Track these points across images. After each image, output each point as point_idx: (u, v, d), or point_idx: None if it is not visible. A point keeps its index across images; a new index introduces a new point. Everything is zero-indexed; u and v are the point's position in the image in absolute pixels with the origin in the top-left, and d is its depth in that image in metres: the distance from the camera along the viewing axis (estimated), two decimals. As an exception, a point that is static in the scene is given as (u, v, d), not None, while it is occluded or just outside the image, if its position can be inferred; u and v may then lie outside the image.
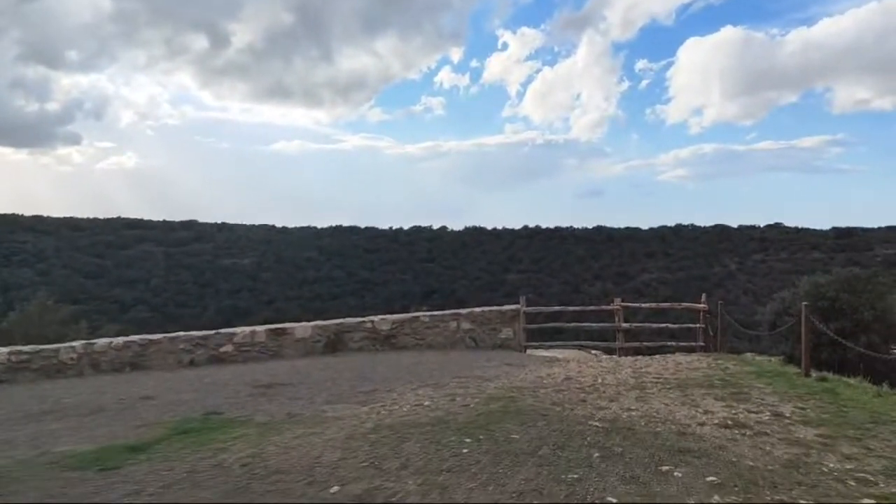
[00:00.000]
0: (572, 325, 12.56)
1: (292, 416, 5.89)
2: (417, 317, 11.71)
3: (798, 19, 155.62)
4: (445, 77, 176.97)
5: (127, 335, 11.51)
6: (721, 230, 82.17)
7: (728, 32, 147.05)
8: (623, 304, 12.20)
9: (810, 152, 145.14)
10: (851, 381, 6.90)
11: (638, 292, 65.85)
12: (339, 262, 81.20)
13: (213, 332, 10.51)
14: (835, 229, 75.53)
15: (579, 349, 13.99)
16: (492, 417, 5.34)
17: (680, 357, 9.59)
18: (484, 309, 12.21)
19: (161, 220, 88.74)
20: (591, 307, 12.84)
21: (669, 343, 12.49)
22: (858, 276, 14.22)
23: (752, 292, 61.08)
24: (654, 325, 12.97)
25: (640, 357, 10.07)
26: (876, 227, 74.68)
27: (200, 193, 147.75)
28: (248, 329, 10.76)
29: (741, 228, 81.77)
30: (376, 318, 11.57)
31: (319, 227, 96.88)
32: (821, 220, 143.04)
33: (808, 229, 78.03)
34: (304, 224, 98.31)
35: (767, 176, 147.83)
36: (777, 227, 79.98)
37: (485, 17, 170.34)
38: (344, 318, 12.16)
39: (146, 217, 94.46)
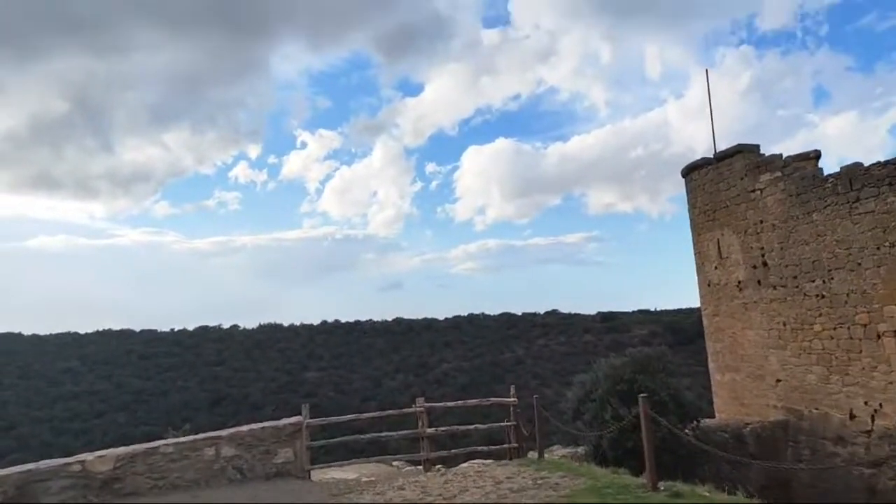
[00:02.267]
0: (368, 436, 10.31)
1: None
2: (156, 448, 8.47)
3: (555, 136, 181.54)
4: (242, 172, 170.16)
5: None
6: (508, 318, 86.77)
7: (501, 143, 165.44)
8: (427, 404, 10.35)
9: (574, 247, 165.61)
10: (704, 492, 5.72)
11: (438, 382, 65.89)
12: (105, 373, 69.32)
13: None
14: (600, 313, 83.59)
15: (379, 462, 11.73)
16: None
17: (498, 471, 7.91)
18: (253, 427, 9.38)
19: None
20: (391, 411, 10.79)
21: (480, 448, 10.88)
22: (650, 355, 14.27)
23: (540, 376, 64.64)
24: (463, 428, 11.31)
25: (450, 475, 8.15)
26: (631, 310, 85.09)
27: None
28: None
29: (525, 315, 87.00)
30: (90, 457, 8.08)
31: (82, 332, 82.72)
32: (588, 305, 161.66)
33: (579, 314, 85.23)
34: (62, 330, 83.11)
35: (542, 268, 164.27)
36: (554, 314, 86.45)
37: (282, 117, 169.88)
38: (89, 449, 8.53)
39: None
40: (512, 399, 10.56)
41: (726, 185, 15.99)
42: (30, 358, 73.61)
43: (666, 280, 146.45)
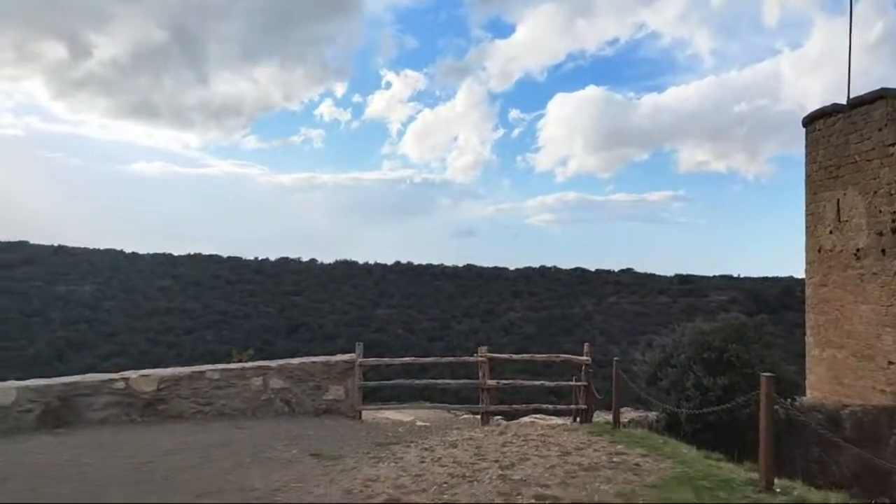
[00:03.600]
0: (424, 381, 9.61)
1: None
2: (202, 372, 8.11)
3: (650, 86, 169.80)
4: (327, 110, 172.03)
5: None
6: (580, 273, 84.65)
7: (592, 91, 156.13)
8: (490, 354, 9.48)
9: (657, 205, 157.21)
10: (836, 500, 4.49)
11: (504, 330, 65.81)
12: (195, 293, 73.63)
13: None
14: (678, 276, 79.87)
15: (436, 407, 11.10)
16: None
17: (565, 437, 6.95)
18: (303, 360, 8.88)
19: (-18, 240, 75.22)
20: (450, 357, 10.00)
21: (545, 406, 9.97)
22: (747, 324, 12.76)
23: (608, 332, 63.28)
24: (527, 383, 10.42)
25: (510, 435, 7.27)
26: (711, 275, 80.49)
27: (38, 213, 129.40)
28: None
29: (598, 272, 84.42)
30: (134, 375, 7.81)
31: (176, 254, 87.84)
32: (666, 266, 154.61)
33: (655, 275, 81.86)
34: (159, 251, 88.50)
35: (621, 225, 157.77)
36: (629, 272, 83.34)
37: (370, 55, 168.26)
38: (144, 367, 8.40)
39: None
40: (585, 357, 9.50)
41: (858, 137, 13.70)
42: (130, 274, 78.79)
43: (753, 246, 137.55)
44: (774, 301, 58.97)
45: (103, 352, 52.38)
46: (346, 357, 9.02)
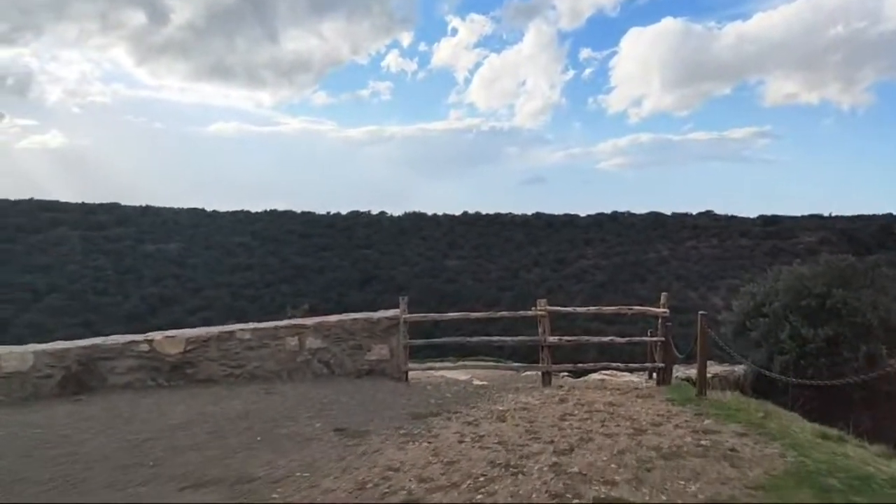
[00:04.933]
0: (476, 339, 8.60)
1: None
2: (232, 332, 7.46)
3: (734, 14, 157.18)
4: (393, 61, 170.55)
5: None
6: (655, 217, 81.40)
7: (668, 23, 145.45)
8: (550, 307, 8.32)
9: (740, 143, 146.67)
10: None
11: (576, 278, 64.52)
12: (272, 248, 76.24)
13: None
14: (762, 217, 75.54)
15: (499, 366, 10.15)
16: None
17: (638, 407, 5.79)
18: (342, 318, 8.06)
19: (79, 202, 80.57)
20: (504, 313, 8.93)
21: (615, 364, 8.80)
22: (855, 266, 10.97)
23: (685, 278, 61.06)
24: (594, 339, 9.25)
25: (571, 404, 6.20)
26: (799, 215, 75.50)
27: (127, 175, 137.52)
28: None
29: (674, 216, 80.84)
30: (158, 336, 7.23)
31: (253, 211, 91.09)
32: (748, 208, 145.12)
33: (736, 217, 77.82)
34: (237, 208, 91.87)
35: (700, 165, 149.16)
36: (708, 215, 79.34)
37: (435, 1, 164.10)
38: (170, 326, 7.96)
39: (71, 199, 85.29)
40: (662, 309, 8.20)
41: None
42: (211, 231, 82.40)
43: (846, 183, 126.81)
44: (870, 240, 54.81)
45: (191, 306, 55.12)
46: (390, 313, 8.13)
